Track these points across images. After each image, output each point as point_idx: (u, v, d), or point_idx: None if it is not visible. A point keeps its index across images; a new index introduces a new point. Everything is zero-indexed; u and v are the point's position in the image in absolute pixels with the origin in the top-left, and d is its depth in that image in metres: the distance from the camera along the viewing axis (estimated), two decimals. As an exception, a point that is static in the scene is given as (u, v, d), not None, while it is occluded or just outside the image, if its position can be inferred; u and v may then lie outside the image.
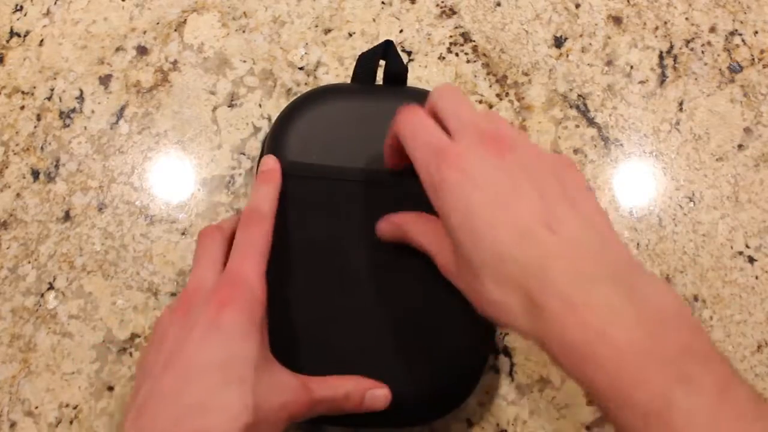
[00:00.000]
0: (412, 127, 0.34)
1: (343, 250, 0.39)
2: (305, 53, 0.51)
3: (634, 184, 0.48)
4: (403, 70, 0.43)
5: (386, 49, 0.42)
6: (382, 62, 0.43)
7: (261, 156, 0.42)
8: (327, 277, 0.38)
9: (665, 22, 0.52)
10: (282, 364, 0.34)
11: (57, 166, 0.48)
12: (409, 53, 0.51)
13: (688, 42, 0.51)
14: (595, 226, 0.31)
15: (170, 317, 0.34)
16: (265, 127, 0.49)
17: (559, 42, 0.51)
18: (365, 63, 0.43)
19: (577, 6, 0.52)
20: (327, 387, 0.34)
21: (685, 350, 0.26)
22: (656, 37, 0.52)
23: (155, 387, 0.30)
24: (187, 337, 0.31)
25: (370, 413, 0.36)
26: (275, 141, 0.41)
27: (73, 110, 0.50)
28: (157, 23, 0.52)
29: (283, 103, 0.49)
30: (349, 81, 0.45)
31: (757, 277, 0.46)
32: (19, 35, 0.52)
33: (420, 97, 0.40)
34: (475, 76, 0.50)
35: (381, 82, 0.44)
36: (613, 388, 0.26)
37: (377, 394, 0.35)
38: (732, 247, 0.47)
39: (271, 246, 0.35)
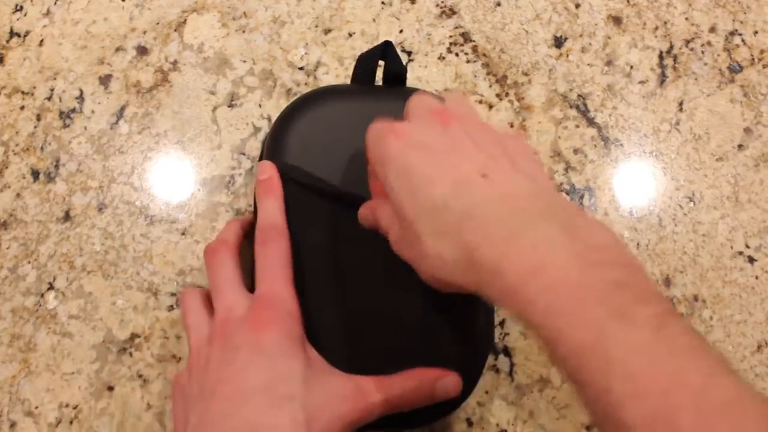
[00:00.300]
0: (375, 126, 0.34)
1: (337, 255, 0.38)
2: (305, 53, 0.51)
3: (634, 184, 0.48)
4: (403, 71, 0.43)
5: (385, 50, 0.42)
6: (381, 63, 0.43)
7: (261, 157, 0.42)
8: (321, 282, 0.38)
9: (665, 22, 0.52)
10: None
11: (57, 166, 0.48)
12: (409, 53, 0.51)
13: (688, 42, 0.51)
14: (536, 179, 0.30)
15: (209, 347, 0.34)
16: (265, 127, 0.49)
17: (559, 42, 0.51)
18: (364, 63, 0.43)
19: (577, 6, 0.52)
20: (386, 386, 0.33)
21: (620, 286, 0.25)
22: (656, 37, 0.52)
23: (206, 414, 0.31)
24: (232, 362, 0.31)
25: None
26: (274, 142, 0.41)
27: (73, 110, 0.50)
28: (157, 23, 0.52)
29: (283, 104, 0.49)
30: (348, 82, 0.45)
31: (757, 277, 0.46)
32: (19, 35, 0.52)
33: None
34: (475, 76, 0.50)
35: (381, 83, 0.44)
36: (547, 325, 0.25)
37: (448, 382, 0.35)
38: (732, 247, 0.47)
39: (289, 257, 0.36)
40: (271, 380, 0.31)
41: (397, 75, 0.43)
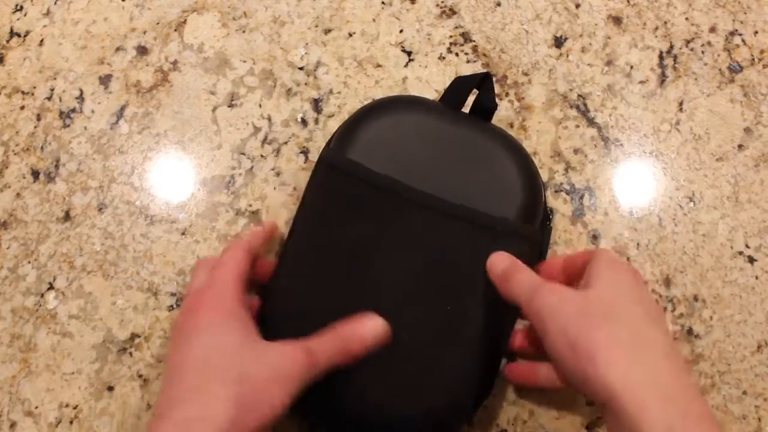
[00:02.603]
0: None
1: (370, 258, 0.38)
2: (305, 53, 0.51)
3: (634, 184, 0.48)
4: (493, 107, 0.43)
5: (483, 81, 0.42)
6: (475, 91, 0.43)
7: (329, 143, 0.43)
8: (346, 280, 0.38)
9: (665, 22, 0.52)
10: None
11: (57, 166, 0.48)
12: (409, 53, 0.51)
13: (688, 42, 0.51)
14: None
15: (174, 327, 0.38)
16: (265, 127, 0.49)
17: (559, 42, 0.51)
18: (459, 87, 0.43)
19: (577, 6, 0.52)
20: (324, 339, 0.35)
21: None
22: (656, 37, 0.52)
23: (157, 401, 0.34)
24: (178, 345, 0.35)
25: None
26: (344, 133, 0.41)
27: (73, 110, 0.50)
28: (157, 23, 0.52)
29: (283, 103, 0.49)
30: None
31: (757, 277, 0.46)
32: (19, 35, 0.52)
33: (499, 138, 0.42)
34: (475, 76, 0.50)
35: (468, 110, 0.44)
36: None
37: (370, 324, 0.36)
38: (732, 247, 0.47)
39: (253, 248, 0.39)
40: (205, 355, 0.33)
41: (487, 109, 0.43)
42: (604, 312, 0.33)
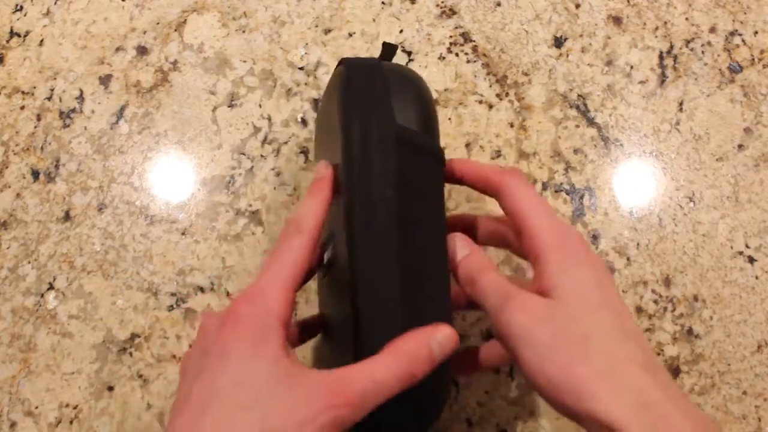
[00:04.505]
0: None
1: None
2: (305, 53, 0.51)
3: (634, 184, 0.48)
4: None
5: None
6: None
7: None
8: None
9: (665, 22, 0.52)
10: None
11: (57, 166, 0.48)
12: (409, 53, 0.51)
13: (688, 42, 0.51)
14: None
15: (195, 346, 0.33)
16: (265, 127, 0.49)
17: (559, 42, 0.51)
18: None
19: (577, 6, 0.52)
20: (370, 370, 0.31)
21: None
22: (656, 37, 0.52)
23: (173, 429, 0.30)
24: (202, 369, 0.31)
25: None
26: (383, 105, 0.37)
27: (73, 110, 0.50)
28: (157, 23, 0.52)
29: (283, 103, 0.49)
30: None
31: (757, 277, 0.46)
32: (19, 35, 0.52)
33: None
34: (475, 76, 0.50)
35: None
36: None
37: (442, 337, 0.32)
38: (732, 247, 0.47)
39: (306, 260, 0.33)
40: (231, 387, 0.29)
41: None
42: (577, 336, 0.31)
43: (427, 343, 0.32)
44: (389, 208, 0.32)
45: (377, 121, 0.34)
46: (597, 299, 0.32)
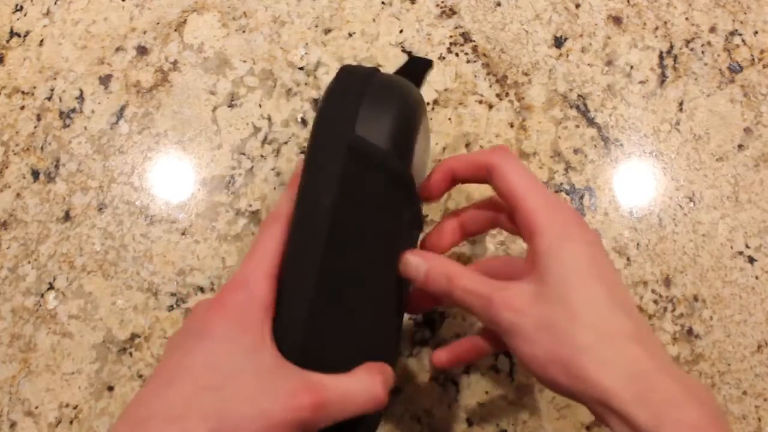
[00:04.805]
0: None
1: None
2: (305, 53, 0.51)
3: (634, 184, 0.48)
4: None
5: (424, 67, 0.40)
6: None
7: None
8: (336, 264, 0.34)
9: (665, 22, 0.52)
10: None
11: (57, 166, 0.48)
12: (409, 53, 0.51)
13: (688, 42, 0.51)
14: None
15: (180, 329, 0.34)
16: (265, 127, 0.49)
17: (559, 42, 0.51)
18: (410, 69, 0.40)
19: (577, 6, 0.52)
20: (346, 382, 0.31)
21: None
22: (656, 37, 0.52)
23: (136, 397, 0.30)
24: (181, 347, 0.31)
25: None
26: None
27: (73, 110, 0.50)
28: (157, 23, 0.52)
29: (283, 103, 0.49)
30: None
31: (757, 277, 0.46)
32: (19, 35, 0.52)
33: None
34: (475, 76, 0.50)
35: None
36: None
37: (389, 374, 0.34)
38: (732, 247, 0.47)
39: (282, 244, 0.34)
40: (202, 366, 0.30)
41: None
42: (564, 315, 0.31)
43: (391, 374, 0.33)
44: (322, 215, 0.32)
45: (332, 129, 0.33)
46: (586, 275, 0.32)
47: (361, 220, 0.33)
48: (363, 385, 0.32)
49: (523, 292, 0.32)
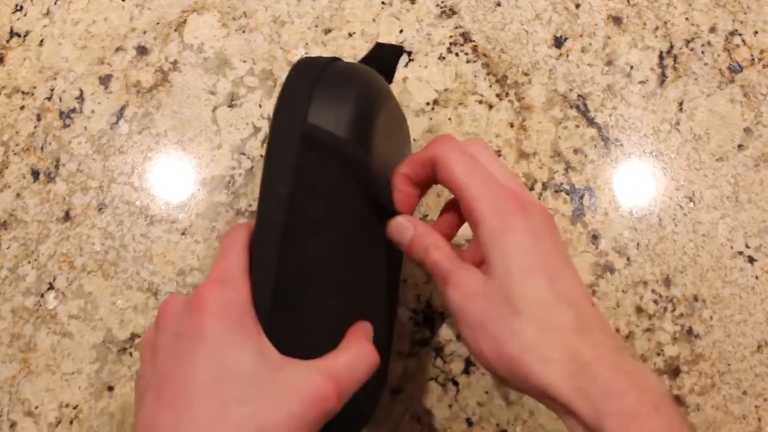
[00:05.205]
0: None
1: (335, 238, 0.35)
2: (305, 53, 0.51)
3: (634, 184, 0.48)
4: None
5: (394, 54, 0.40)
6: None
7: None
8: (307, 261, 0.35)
9: (665, 22, 0.52)
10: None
11: (57, 166, 0.48)
12: (409, 53, 0.51)
13: (688, 42, 0.51)
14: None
15: (157, 330, 0.31)
16: (265, 127, 0.49)
17: (559, 42, 0.51)
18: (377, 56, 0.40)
19: (577, 6, 0.52)
20: (346, 361, 0.31)
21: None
22: (656, 37, 0.52)
23: (154, 417, 0.28)
24: (178, 355, 0.29)
25: None
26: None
27: (73, 110, 0.50)
28: (157, 23, 0.52)
29: (283, 103, 0.49)
30: None
31: (757, 277, 0.46)
32: (19, 35, 0.52)
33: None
34: (475, 76, 0.50)
35: None
36: None
37: (369, 329, 0.34)
38: (732, 247, 0.47)
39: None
40: (216, 378, 0.28)
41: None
42: (507, 309, 0.31)
43: (370, 328, 0.34)
44: (279, 203, 0.32)
45: (285, 119, 0.33)
46: (528, 265, 0.31)
47: (320, 207, 0.34)
48: (360, 353, 0.32)
49: (476, 279, 0.32)
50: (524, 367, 0.29)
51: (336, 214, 0.34)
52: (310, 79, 0.34)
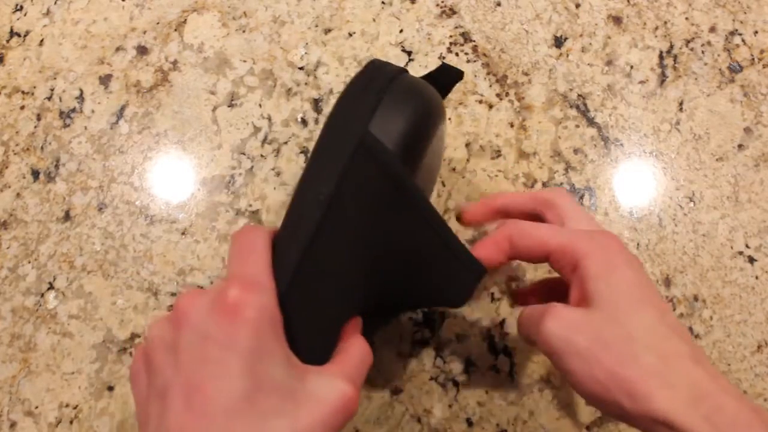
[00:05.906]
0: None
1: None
2: (305, 53, 0.51)
3: (634, 184, 0.48)
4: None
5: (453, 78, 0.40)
6: None
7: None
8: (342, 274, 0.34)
9: (665, 22, 0.52)
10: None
11: (57, 166, 0.48)
12: (409, 53, 0.51)
13: (688, 42, 0.51)
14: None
15: (177, 331, 0.30)
16: (265, 127, 0.49)
17: (559, 42, 0.51)
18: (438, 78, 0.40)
19: (577, 6, 0.52)
20: (357, 362, 0.32)
21: None
22: (656, 37, 0.52)
23: (184, 428, 0.27)
24: (204, 361, 0.28)
25: None
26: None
27: (73, 110, 0.50)
28: (157, 23, 0.52)
29: (283, 103, 0.49)
30: (348, 80, 0.44)
31: (757, 277, 0.46)
32: (19, 35, 0.52)
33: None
34: (475, 76, 0.50)
35: None
36: None
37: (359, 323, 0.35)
38: (732, 247, 0.47)
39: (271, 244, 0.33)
40: (253, 391, 0.27)
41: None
42: (620, 336, 0.31)
43: (360, 321, 0.35)
44: (317, 203, 0.32)
45: (346, 121, 0.33)
46: (636, 299, 0.32)
47: (352, 216, 0.33)
48: (361, 352, 0.33)
49: (575, 311, 0.33)
50: (648, 391, 0.30)
51: (367, 227, 0.33)
52: (379, 86, 0.34)
